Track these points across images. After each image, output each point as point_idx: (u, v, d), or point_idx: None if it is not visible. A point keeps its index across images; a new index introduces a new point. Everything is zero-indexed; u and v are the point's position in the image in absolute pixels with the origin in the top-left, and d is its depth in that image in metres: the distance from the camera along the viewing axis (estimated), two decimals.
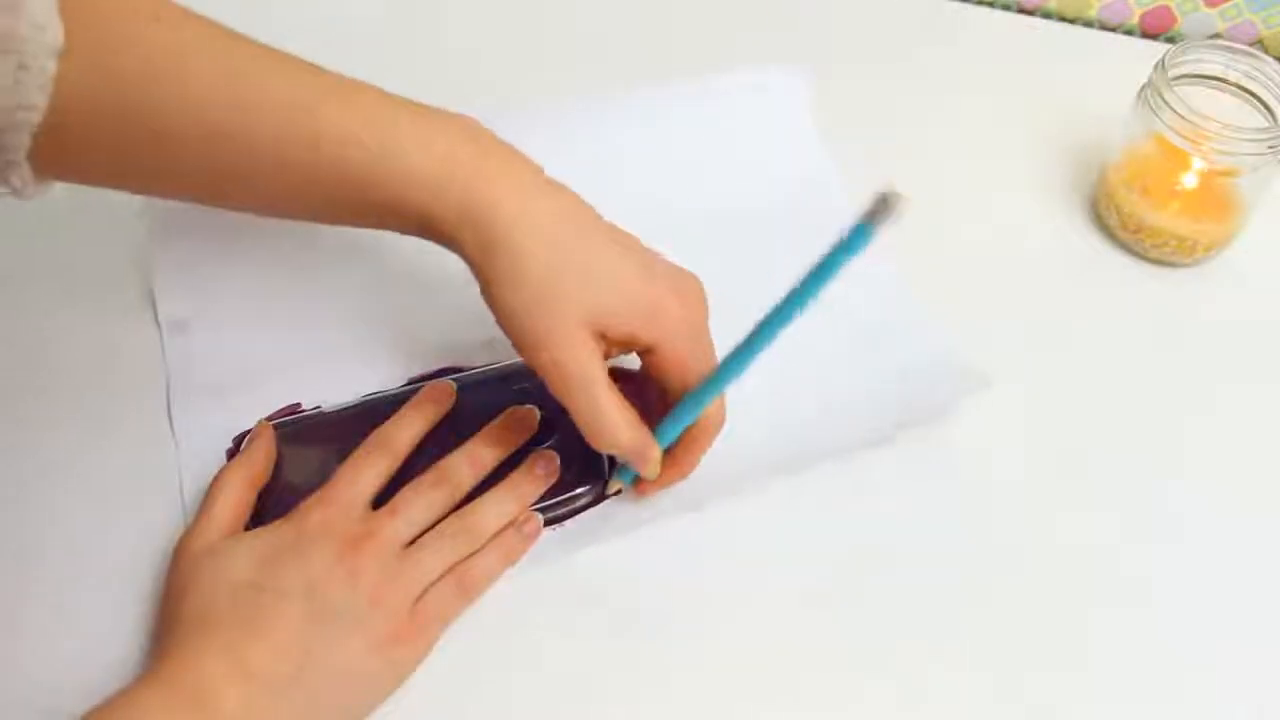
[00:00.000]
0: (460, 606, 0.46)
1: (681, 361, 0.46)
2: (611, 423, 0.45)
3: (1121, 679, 0.47)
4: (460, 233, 0.44)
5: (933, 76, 0.69)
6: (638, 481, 0.49)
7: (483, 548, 0.47)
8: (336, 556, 0.44)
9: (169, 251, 0.56)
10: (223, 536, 0.45)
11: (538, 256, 0.43)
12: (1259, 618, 0.49)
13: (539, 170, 0.46)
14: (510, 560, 0.48)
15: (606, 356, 0.46)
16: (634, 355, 0.48)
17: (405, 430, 0.49)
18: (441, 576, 0.46)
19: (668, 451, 0.48)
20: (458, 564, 0.47)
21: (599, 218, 0.46)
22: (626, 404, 0.46)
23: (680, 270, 0.48)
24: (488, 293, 0.44)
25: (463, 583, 0.46)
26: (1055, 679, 0.47)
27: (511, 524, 0.48)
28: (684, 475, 0.49)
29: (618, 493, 0.50)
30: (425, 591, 0.45)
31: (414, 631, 0.44)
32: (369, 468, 0.47)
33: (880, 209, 0.38)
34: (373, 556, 0.44)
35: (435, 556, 0.46)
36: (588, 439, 0.46)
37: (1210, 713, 0.47)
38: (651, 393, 0.48)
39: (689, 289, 0.47)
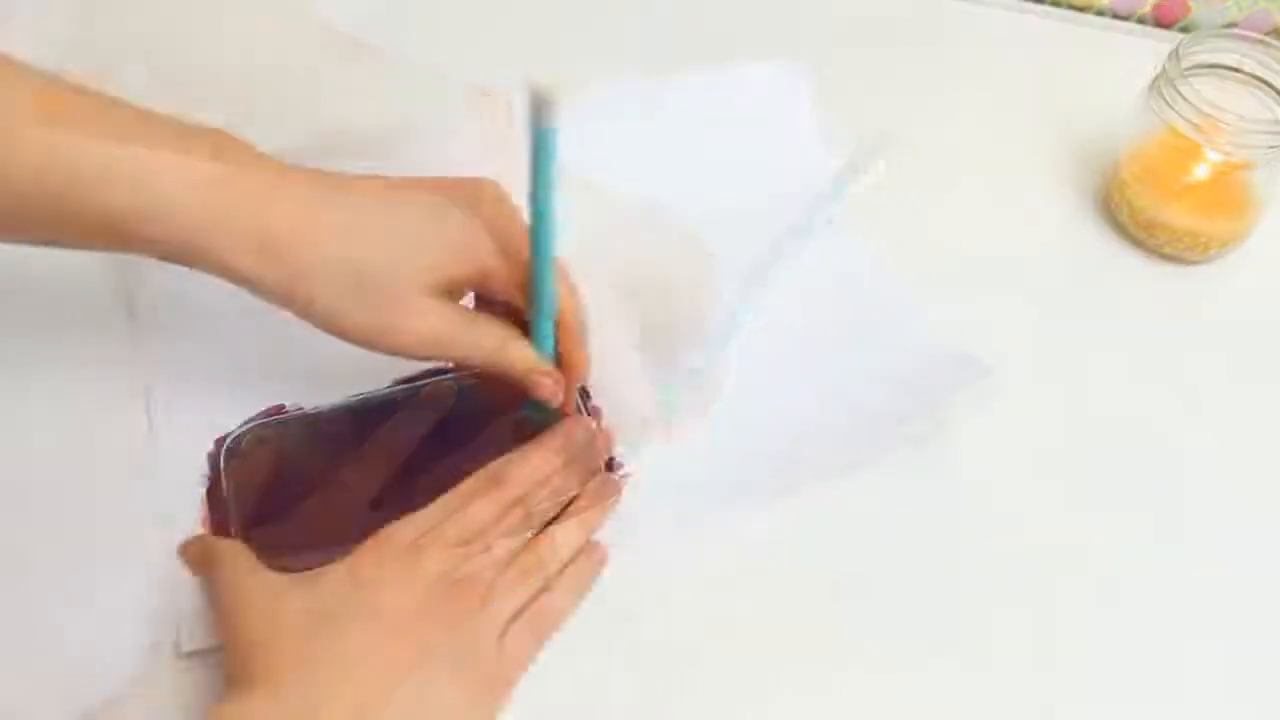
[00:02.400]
0: (538, 651, 0.45)
1: (515, 270, 0.44)
2: (506, 355, 0.45)
3: (1124, 677, 0.47)
4: (256, 267, 0.42)
5: (939, 70, 0.69)
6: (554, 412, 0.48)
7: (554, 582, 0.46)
8: (441, 598, 0.43)
9: None
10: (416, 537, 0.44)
11: (347, 261, 0.42)
12: (1263, 618, 0.49)
13: (287, 167, 0.43)
14: (583, 593, 0.47)
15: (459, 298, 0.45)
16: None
17: (519, 468, 0.47)
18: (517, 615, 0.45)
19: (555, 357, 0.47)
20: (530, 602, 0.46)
21: (353, 184, 0.44)
22: (500, 323, 0.45)
23: (461, 182, 0.45)
24: (311, 312, 0.43)
25: (537, 624, 0.45)
26: (1056, 677, 0.47)
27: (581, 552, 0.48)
28: (580, 372, 0.47)
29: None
30: (504, 632, 0.44)
31: (504, 680, 0.44)
32: (480, 501, 0.46)
33: (538, 109, 0.37)
34: (471, 600, 0.43)
35: (513, 597, 0.45)
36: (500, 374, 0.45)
37: (1212, 712, 0.47)
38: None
39: (482, 197, 0.45)
